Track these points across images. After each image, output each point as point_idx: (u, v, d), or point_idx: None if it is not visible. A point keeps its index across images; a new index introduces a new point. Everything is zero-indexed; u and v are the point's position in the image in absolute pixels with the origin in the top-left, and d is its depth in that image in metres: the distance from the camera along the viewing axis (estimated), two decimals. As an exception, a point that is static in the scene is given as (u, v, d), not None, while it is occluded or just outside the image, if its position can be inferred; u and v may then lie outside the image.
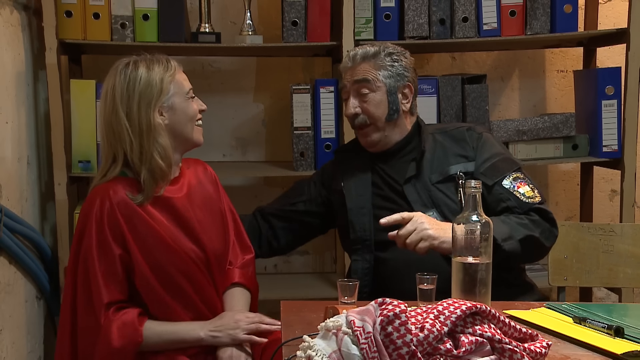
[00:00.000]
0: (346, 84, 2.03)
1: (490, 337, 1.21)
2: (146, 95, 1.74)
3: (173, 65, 1.79)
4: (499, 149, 2.01)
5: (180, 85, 1.79)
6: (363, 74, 1.99)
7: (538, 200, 1.90)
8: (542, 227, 1.86)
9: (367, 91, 1.98)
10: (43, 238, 2.38)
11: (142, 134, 1.73)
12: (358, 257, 2.00)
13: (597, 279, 2.19)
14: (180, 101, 1.79)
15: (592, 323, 1.45)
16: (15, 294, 2.19)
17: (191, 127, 1.82)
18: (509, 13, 2.54)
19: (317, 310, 1.55)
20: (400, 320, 1.15)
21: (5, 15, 2.21)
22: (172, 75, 1.77)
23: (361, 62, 1.99)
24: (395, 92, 2.00)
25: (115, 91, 1.75)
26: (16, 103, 2.28)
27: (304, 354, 1.16)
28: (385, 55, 2.00)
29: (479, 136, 2.02)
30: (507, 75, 2.97)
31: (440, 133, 2.06)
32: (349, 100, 2.01)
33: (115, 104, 1.74)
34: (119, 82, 1.75)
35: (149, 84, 1.74)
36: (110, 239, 1.71)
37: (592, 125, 2.64)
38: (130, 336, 1.69)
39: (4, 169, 2.15)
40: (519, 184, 1.91)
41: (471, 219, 1.50)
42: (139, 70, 1.75)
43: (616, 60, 2.81)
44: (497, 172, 1.93)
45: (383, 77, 1.98)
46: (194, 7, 2.69)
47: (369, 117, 1.99)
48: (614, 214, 2.91)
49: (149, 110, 1.73)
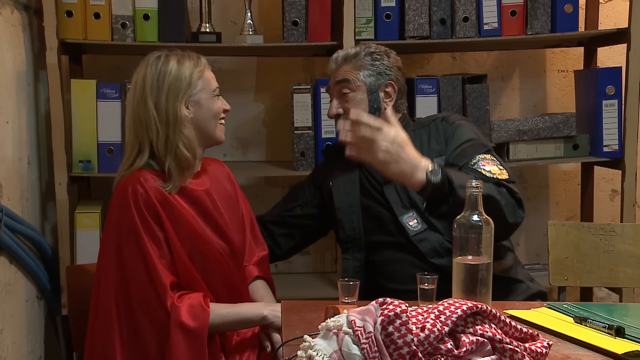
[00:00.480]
0: (330, 86, 2.06)
1: (491, 337, 1.20)
2: (175, 88, 1.78)
3: (203, 62, 1.85)
4: (470, 135, 1.97)
5: (207, 82, 1.84)
6: (343, 74, 2.01)
7: (505, 177, 1.83)
8: (507, 199, 1.77)
9: (348, 91, 2.00)
10: (44, 238, 2.38)
11: (169, 124, 1.77)
12: (349, 256, 2.01)
13: (597, 279, 2.19)
14: (206, 97, 1.83)
15: (593, 323, 1.45)
16: (16, 294, 2.20)
17: (214, 124, 1.86)
18: (509, 13, 2.54)
19: (317, 310, 1.55)
20: (401, 320, 1.15)
21: (5, 15, 2.21)
22: (201, 72, 1.83)
23: (342, 63, 2.02)
24: (376, 90, 2.00)
25: (145, 82, 1.79)
26: (17, 103, 2.28)
27: (304, 353, 1.16)
28: (365, 54, 2.01)
29: (451, 126, 2.00)
30: (507, 75, 2.97)
31: (420, 128, 2.05)
32: (332, 102, 2.04)
33: (144, 94, 1.78)
34: (150, 74, 1.79)
35: (179, 77, 1.79)
36: (153, 223, 1.73)
37: (592, 125, 2.64)
38: (201, 318, 1.70)
39: (5, 169, 2.15)
40: (485, 163, 1.88)
41: (472, 218, 1.50)
42: (169, 64, 1.80)
43: (617, 60, 2.81)
44: (465, 156, 1.91)
45: (363, 76, 2.00)
46: (195, 7, 2.69)
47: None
48: (615, 214, 2.91)
49: (176, 102, 1.78)
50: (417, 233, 1.93)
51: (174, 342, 1.67)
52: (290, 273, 2.90)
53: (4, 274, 2.10)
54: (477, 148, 1.93)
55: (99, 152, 2.43)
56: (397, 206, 1.94)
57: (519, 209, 1.81)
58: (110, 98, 2.42)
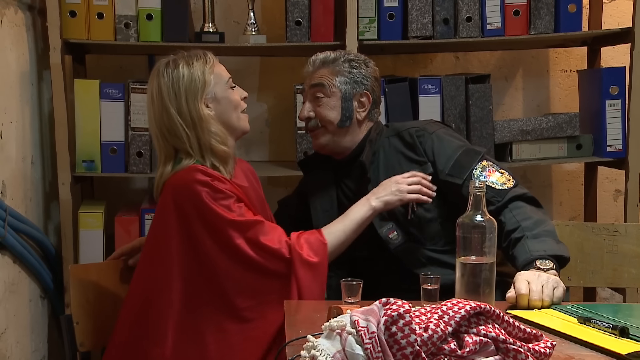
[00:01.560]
0: (305, 88, 2.05)
1: (495, 337, 1.20)
2: (192, 90, 1.80)
3: (210, 57, 1.86)
4: (456, 143, 1.96)
5: (219, 75, 1.86)
6: (319, 78, 2.00)
7: (512, 185, 1.86)
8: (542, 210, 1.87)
9: (322, 95, 1.99)
10: (47, 237, 2.38)
11: (196, 125, 1.80)
12: (331, 273, 1.93)
13: (601, 279, 2.18)
14: (221, 91, 1.85)
15: (597, 323, 1.45)
16: (20, 293, 2.20)
17: (236, 115, 1.88)
18: (512, 13, 2.54)
19: (320, 310, 1.56)
20: (405, 320, 1.15)
21: (9, 15, 2.21)
22: (211, 67, 1.84)
23: (320, 67, 2.01)
24: (350, 99, 1.99)
25: (161, 92, 1.81)
26: (20, 103, 2.29)
27: (307, 353, 1.17)
28: (344, 61, 2.00)
29: (430, 137, 1.97)
30: (510, 75, 2.96)
31: (394, 136, 2.03)
32: (304, 104, 2.03)
33: (164, 103, 1.81)
34: (164, 83, 1.81)
35: (192, 79, 1.81)
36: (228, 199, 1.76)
37: (596, 125, 2.64)
38: (321, 252, 1.78)
39: (9, 169, 2.15)
40: (488, 172, 1.88)
41: (475, 218, 1.50)
42: (180, 68, 1.82)
43: (620, 60, 2.80)
44: (462, 168, 1.89)
45: (339, 82, 1.98)
46: (198, 6, 2.69)
47: (321, 121, 1.99)
48: (618, 214, 2.90)
49: (196, 103, 1.80)
50: (397, 245, 1.92)
51: (301, 278, 1.73)
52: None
53: (8, 274, 2.11)
54: (471, 156, 1.91)
55: (102, 152, 2.43)
56: (376, 219, 1.92)
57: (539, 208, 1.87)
58: (113, 98, 2.42)
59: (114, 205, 2.59)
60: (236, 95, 1.89)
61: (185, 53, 1.86)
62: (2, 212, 2.02)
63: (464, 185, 1.86)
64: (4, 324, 2.05)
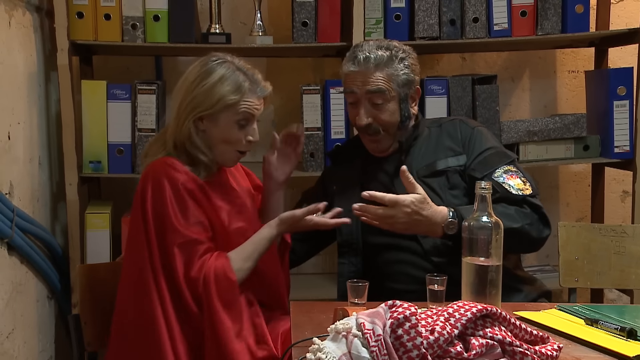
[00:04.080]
0: (356, 90, 1.93)
1: (501, 339, 1.20)
2: (198, 101, 1.76)
3: (244, 90, 1.78)
4: (492, 143, 1.96)
5: (236, 111, 1.78)
6: (377, 84, 1.90)
7: (528, 193, 1.84)
8: (531, 219, 1.81)
9: (381, 102, 1.91)
10: (54, 238, 2.39)
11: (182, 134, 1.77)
12: (344, 260, 1.98)
13: (608, 280, 2.17)
14: (226, 121, 1.78)
15: (604, 325, 1.44)
16: (27, 294, 2.21)
17: (225, 149, 1.82)
18: (519, 13, 2.53)
19: (326, 311, 1.55)
20: (411, 322, 1.15)
21: (17, 17, 2.22)
22: (233, 100, 1.76)
23: (375, 69, 1.90)
24: (406, 99, 1.95)
25: (187, 77, 1.80)
26: (28, 104, 2.30)
27: (313, 356, 1.17)
28: (398, 62, 1.92)
29: (471, 130, 1.97)
30: (517, 75, 2.95)
31: (435, 126, 2.03)
32: (360, 110, 1.93)
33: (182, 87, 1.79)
34: (195, 71, 1.79)
35: (209, 94, 1.76)
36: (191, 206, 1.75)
37: (603, 126, 2.63)
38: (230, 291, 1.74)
39: (16, 169, 2.16)
40: (510, 176, 1.86)
41: (481, 219, 1.50)
42: (214, 74, 1.76)
43: (628, 61, 2.79)
44: (487, 165, 1.89)
45: (396, 86, 1.92)
46: (205, 7, 2.69)
47: (382, 126, 1.94)
48: (626, 215, 2.89)
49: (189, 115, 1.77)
50: None
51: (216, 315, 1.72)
52: (299, 274, 2.90)
53: (15, 274, 2.11)
54: (501, 158, 1.91)
55: (109, 153, 2.43)
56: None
57: (544, 226, 1.83)
58: (120, 99, 2.43)
59: (120, 206, 2.60)
60: (238, 134, 1.80)
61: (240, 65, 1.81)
62: (9, 212, 2.02)
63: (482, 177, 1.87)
64: (12, 324, 2.06)
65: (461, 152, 1.95)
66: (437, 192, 1.91)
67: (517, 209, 1.81)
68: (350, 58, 1.95)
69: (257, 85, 1.81)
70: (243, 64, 1.82)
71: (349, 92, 1.96)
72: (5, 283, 2.02)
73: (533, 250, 1.96)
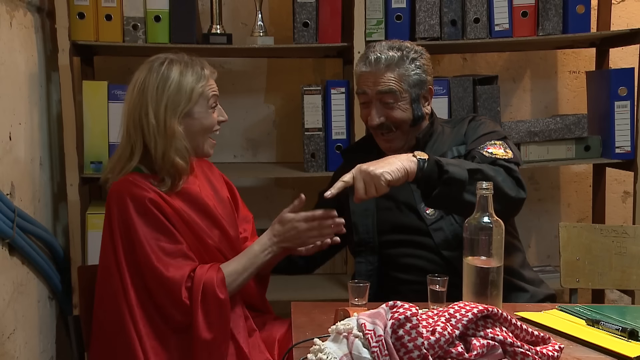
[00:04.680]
0: (367, 91, 1.93)
1: (502, 340, 1.20)
2: (174, 102, 1.76)
3: (206, 74, 1.80)
4: (491, 129, 1.96)
5: (206, 96, 1.80)
6: (388, 84, 1.91)
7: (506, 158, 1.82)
8: (503, 176, 1.76)
9: (392, 101, 1.92)
10: (55, 238, 2.39)
11: (166, 137, 1.75)
12: (362, 259, 1.99)
13: (609, 281, 2.17)
14: (201, 111, 1.79)
15: (606, 325, 1.44)
16: (28, 294, 2.21)
17: (204, 139, 1.82)
18: (520, 14, 2.53)
19: (327, 312, 1.55)
20: (412, 323, 1.15)
21: (18, 17, 2.22)
22: (203, 87, 1.78)
23: (385, 70, 1.91)
24: (418, 99, 1.95)
25: (146, 87, 1.76)
26: (29, 104, 2.30)
27: (314, 356, 1.17)
28: (409, 62, 1.92)
29: (475, 121, 1.99)
30: (518, 76, 2.95)
31: (450, 125, 2.04)
32: (371, 110, 1.93)
33: (144, 99, 1.76)
34: (152, 79, 1.76)
35: (179, 90, 1.76)
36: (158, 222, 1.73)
37: (604, 127, 2.63)
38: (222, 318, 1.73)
39: (17, 170, 2.16)
40: (493, 147, 1.86)
41: (482, 220, 1.49)
42: (172, 73, 1.76)
43: (629, 61, 2.79)
44: (478, 144, 1.90)
45: (407, 86, 1.92)
46: (205, 8, 2.70)
47: (394, 124, 1.94)
48: (627, 216, 2.89)
49: (173, 118, 1.75)
50: (434, 221, 1.91)
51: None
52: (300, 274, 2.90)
53: (16, 275, 2.12)
54: (492, 136, 1.92)
55: (110, 153, 2.43)
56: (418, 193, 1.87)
57: (518, 187, 1.78)
58: (121, 99, 2.42)
59: (121, 207, 2.60)
60: (213, 118, 1.82)
61: (185, 58, 1.80)
62: (10, 213, 2.02)
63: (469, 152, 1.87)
64: (13, 325, 2.06)
65: (464, 141, 1.96)
66: None
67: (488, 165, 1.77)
68: (363, 59, 1.96)
69: (209, 67, 1.83)
70: (187, 57, 1.82)
71: (360, 92, 1.96)
72: (6, 283, 2.02)
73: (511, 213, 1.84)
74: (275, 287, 2.20)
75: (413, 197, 1.94)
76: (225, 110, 1.90)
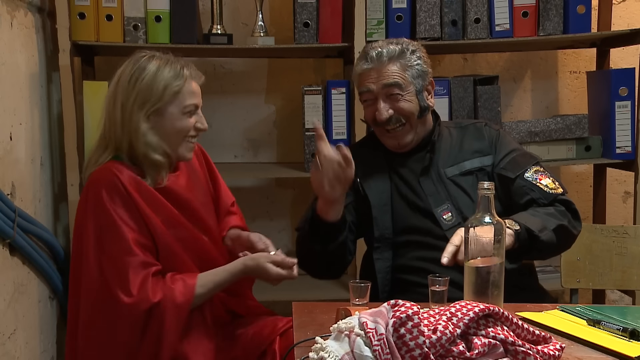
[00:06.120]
0: (371, 87, 1.92)
1: (503, 339, 1.20)
2: (143, 96, 1.71)
3: (185, 75, 1.74)
4: (516, 145, 2.02)
5: (183, 97, 1.74)
6: (393, 77, 1.90)
7: (560, 192, 1.90)
8: (568, 217, 1.87)
9: (398, 92, 1.90)
10: (56, 239, 2.39)
11: (131, 132, 1.72)
12: (379, 255, 1.96)
13: (610, 281, 2.17)
14: (173, 112, 1.74)
15: (607, 325, 1.44)
16: (29, 294, 2.21)
17: (177, 141, 1.77)
18: (521, 14, 2.53)
19: (329, 312, 1.55)
20: (413, 322, 1.15)
21: (19, 18, 2.22)
22: (179, 86, 1.73)
23: (388, 62, 1.90)
24: (422, 90, 1.95)
25: (120, 78, 1.75)
26: (30, 104, 2.30)
27: (316, 355, 1.16)
28: (410, 53, 1.93)
29: (496, 132, 2.02)
30: (519, 76, 2.96)
31: (456, 128, 2.04)
32: (379, 105, 1.91)
33: (116, 91, 1.74)
34: (128, 70, 1.73)
35: (150, 86, 1.71)
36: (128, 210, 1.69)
37: (605, 127, 2.63)
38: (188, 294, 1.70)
39: (18, 170, 2.16)
40: (540, 176, 1.91)
41: (484, 220, 1.49)
42: (148, 67, 1.72)
43: (630, 61, 2.79)
44: (517, 166, 1.93)
45: (411, 77, 1.92)
46: (206, 8, 2.70)
47: (403, 115, 1.92)
48: (628, 216, 2.89)
49: (139, 113, 1.71)
50: (450, 227, 1.89)
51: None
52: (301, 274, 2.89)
53: (17, 275, 2.12)
54: (528, 159, 1.95)
55: (111, 154, 2.43)
56: (433, 197, 1.91)
57: (577, 221, 1.89)
58: (122, 99, 2.43)
59: (122, 207, 2.60)
60: (189, 123, 1.76)
61: (169, 57, 1.76)
62: (11, 213, 2.02)
63: (515, 181, 1.91)
64: (13, 325, 2.06)
65: (489, 152, 1.97)
66: (467, 192, 1.93)
67: (555, 208, 1.86)
68: (363, 57, 1.95)
69: (194, 70, 1.79)
70: (172, 56, 1.79)
71: (364, 91, 1.94)
72: (7, 284, 2.02)
73: (568, 248, 1.98)
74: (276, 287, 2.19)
75: (428, 201, 1.92)
76: (226, 110, 1.90)
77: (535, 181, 1.90)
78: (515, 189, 1.91)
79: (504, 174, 1.92)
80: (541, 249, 1.78)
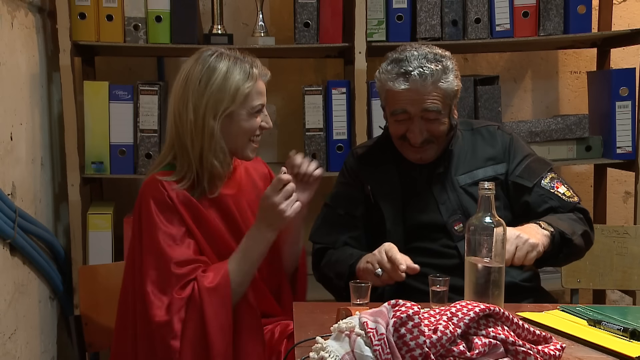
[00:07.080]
0: (409, 109, 1.80)
1: (504, 339, 1.20)
2: (216, 100, 1.67)
3: (255, 73, 1.71)
4: (529, 150, 1.98)
5: (251, 99, 1.71)
6: (434, 102, 1.80)
7: (577, 200, 1.90)
8: (587, 225, 1.88)
9: (435, 117, 1.82)
10: (56, 239, 2.39)
11: (204, 137, 1.68)
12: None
13: (610, 281, 2.17)
14: (242, 113, 1.71)
15: (607, 325, 1.44)
16: (29, 295, 2.21)
17: (244, 142, 1.74)
18: (521, 14, 2.53)
19: (329, 312, 1.55)
20: (414, 322, 1.15)
21: (20, 18, 2.22)
22: (250, 87, 1.69)
23: (431, 86, 1.78)
24: (452, 110, 1.88)
25: (190, 79, 1.69)
26: (30, 104, 2.30)
27: (316, 355, 1.16)
28: (449, 73, 1.82)
29: (509, 137, 1.96)
30: (519, 76, 2.96)
31: (467, 130, 1.98)
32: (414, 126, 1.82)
33: (186, 91, 1.69)
34: (197, 71, 1.68)
35: (223, 89, 1.67)
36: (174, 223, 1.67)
37: (605, 127, 2.63)
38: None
39: (18, 170, 2.16)
40: (557, 184, 1.90)
41: (484, 220, 1.49)
42: (219, 67, 1.68)
43: (630, 61, 2.79)
44: (533, 173, 1.90)
45: (447, 99, 1.82)
46: (207, 8, 2.70)
47: (435, 137, 1.86)
48: (628, 216, 2.89)
49: (213, 117, 1.67)
50: (461, 239, 1.83)
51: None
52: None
53: (18, 275, 2.12)
54: (542, 165, 1.93)
55: (111, 154, 2.44)
56: (445, 207, 1.88)
57: (592, 231, 1.90)
58: (122, 99, 2.43)
59: (122, 207, 2.60)
60: (255, 123, 1.73)
61: (237, 54, 1.72)
62: (12, 213, 2.03)
63: (533, 190, 1.88)
64: (14, 325, 2.06)
65: (502, 160, 1.93)
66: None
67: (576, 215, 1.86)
68: (399, 74, 1.80)
69: (261, 68, 1.75)
70: (238, 52, 1.75)
71: (399, 112, 1.81)
72: (7, 284, 2.02)
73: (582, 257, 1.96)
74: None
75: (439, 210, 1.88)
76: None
77: (552, 189, 1.88)
78: (534, 197, 1.87)
79: (520, 182, 1.88)
80: (569, 254, 1.79)
